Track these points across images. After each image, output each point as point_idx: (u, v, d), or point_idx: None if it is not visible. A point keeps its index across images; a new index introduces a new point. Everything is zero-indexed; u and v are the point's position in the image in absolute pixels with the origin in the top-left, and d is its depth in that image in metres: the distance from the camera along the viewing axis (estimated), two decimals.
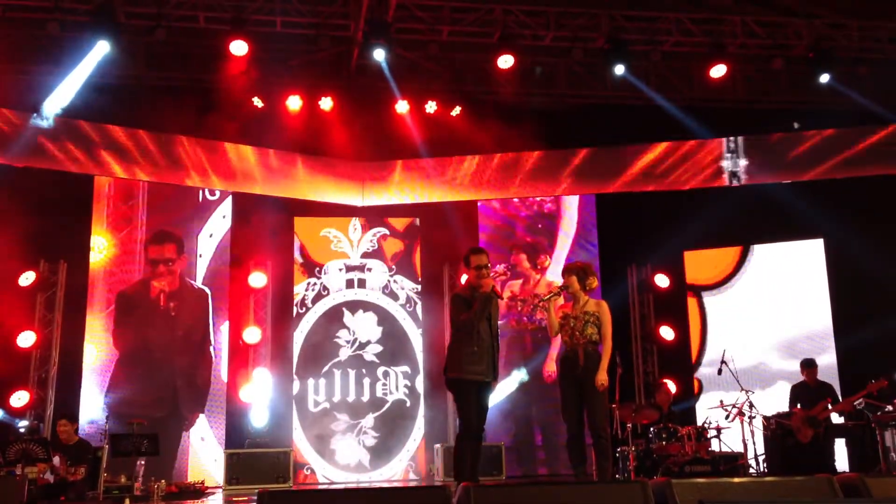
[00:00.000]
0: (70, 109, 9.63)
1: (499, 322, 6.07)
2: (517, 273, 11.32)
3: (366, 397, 10.80)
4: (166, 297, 10.42)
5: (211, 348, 10.44)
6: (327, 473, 10.53)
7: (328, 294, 11.04)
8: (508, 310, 11.06)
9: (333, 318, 10.97)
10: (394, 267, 11.24)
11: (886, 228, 10.13)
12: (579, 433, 5.98)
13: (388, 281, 11.19)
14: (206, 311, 10.50)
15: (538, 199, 11.54)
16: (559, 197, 11.50)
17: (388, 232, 11.32)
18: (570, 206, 11.55)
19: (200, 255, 10.62)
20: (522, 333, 11.10)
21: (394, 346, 10.99)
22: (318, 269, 11.08)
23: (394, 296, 11.17)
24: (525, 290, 11.29)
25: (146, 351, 10.23)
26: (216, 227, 10.75)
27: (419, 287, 11.21)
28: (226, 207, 10.80)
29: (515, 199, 11.47)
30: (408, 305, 11.17)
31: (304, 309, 10.93)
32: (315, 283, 11.03)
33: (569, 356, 6.02)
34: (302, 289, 10.97)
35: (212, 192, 10.74)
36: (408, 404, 10.87)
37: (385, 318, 11.06)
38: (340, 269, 11.15)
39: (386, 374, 10.90)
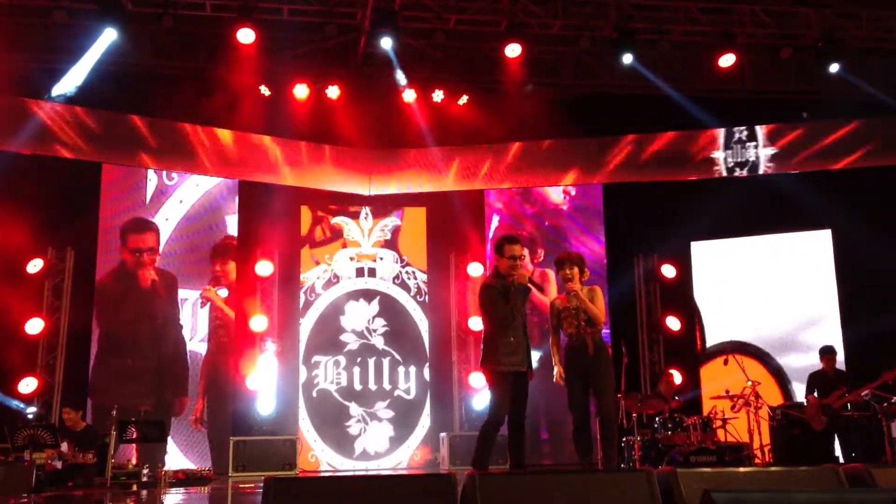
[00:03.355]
0: (77, 97, 9.64)
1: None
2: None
3: (373, 386, 10.85)
4: (152, 285, 10.45)
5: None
6: (337, 461, 10.61)
7: (338, 282, 11.10)
8: None
9: (342, 307, 11.02)
10: (405, 258, 11.28)
11: (895, 219, 10.07)
12: (586, 424, 5.96)
13: (400, 271, 11.23)
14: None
15: (549, 193, 11.54)
16: (568, 190, 11.50)
17: (399, 222, 11.35)
18: (583, 198, 11.56)
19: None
20: (531, 328, 11.06)
21: (400, 336, 11.04)
22: (327, 256, 11.13)
23: (405, 286, 11.20)
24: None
25: (132, 341, 10.23)
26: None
27: (426, 276, 11.25)
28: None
29: (519, 200, 11.47)
30: (418, 296, 11.21)
31: (313, 296, 10.98)
32: (327, 270, 11.09)
33: (576, 346, 5.97)
34: (313, 276, 11.01)
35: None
36: (412, 394, 10.92)
37: (394, 308, 11.11)
38: (352, 258, 11.20)
39: (394, 364, 10.94)
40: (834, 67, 10.15)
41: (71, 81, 9.51)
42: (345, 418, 10.74)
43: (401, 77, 10.22)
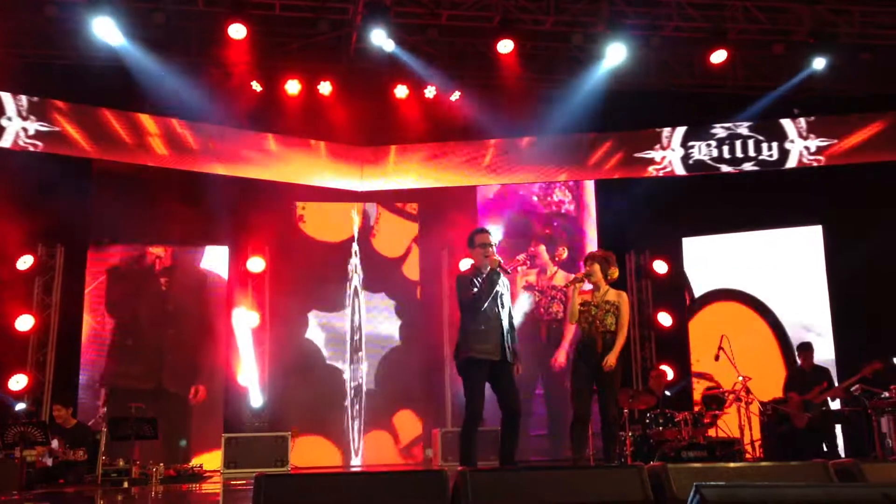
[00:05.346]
0: (68, 92, 9.58)
1: (512, 307, 5.98)
2: (535, 264, 11.36)
3: (362, 381, 10.89)
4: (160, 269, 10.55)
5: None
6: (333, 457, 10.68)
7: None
8: (525, 300, 11.09)
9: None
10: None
11: (886, 216, 10.09)
12: (585, 417, 6.00)
13: (356, 264, 11.32)
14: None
15: (553, 190, 11.57)
16: (577, 187, 11.50)
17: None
18: (588, 196, 11.57)
19: None
20: (538, 324, 11.11)
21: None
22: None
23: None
24: (542, 282, 11.33)
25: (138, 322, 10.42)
26: None
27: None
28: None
29: (529, 196, 11.49)
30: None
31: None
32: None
33: (587, 343, 6.03)
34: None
35: None
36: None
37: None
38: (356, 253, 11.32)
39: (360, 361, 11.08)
40: (820, 63, 10.16)
41: (61, 77, 9.44)
42: (355, 414, 10.88)
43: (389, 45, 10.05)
